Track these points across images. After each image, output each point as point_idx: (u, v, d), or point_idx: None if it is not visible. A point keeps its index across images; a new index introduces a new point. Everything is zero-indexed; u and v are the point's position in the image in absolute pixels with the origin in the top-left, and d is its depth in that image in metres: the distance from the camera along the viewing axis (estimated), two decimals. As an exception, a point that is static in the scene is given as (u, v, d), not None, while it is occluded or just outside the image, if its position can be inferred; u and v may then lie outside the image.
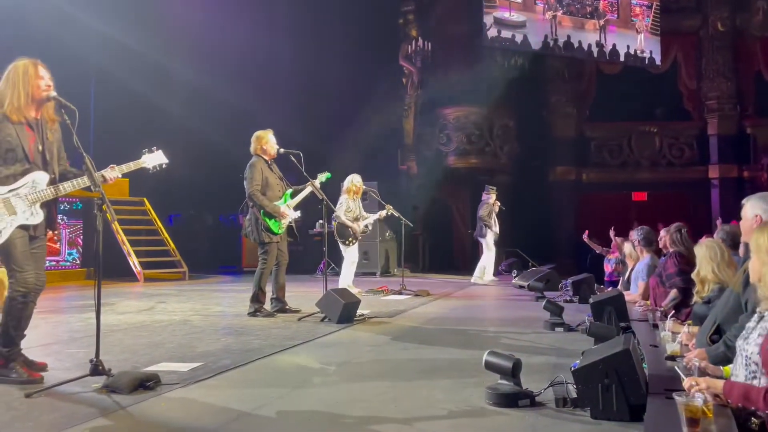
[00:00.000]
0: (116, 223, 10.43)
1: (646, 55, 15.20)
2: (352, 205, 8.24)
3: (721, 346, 2.98)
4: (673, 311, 4.71)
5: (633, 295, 6.29)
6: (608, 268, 8.49)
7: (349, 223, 8.06)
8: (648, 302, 5.76)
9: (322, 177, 6.51)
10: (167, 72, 12.57)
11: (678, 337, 3.70)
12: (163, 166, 3.89)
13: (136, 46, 11.75)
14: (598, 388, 2.73)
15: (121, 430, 2.66)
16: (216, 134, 12.44)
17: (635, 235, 6.51)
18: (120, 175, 3.65)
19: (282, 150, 6.22)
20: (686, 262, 5.02)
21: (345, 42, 13.46)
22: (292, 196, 6.34)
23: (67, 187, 3.51)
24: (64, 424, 2.66)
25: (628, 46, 15.03)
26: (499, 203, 10.50)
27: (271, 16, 13.41)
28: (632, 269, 6.75)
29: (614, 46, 14.92)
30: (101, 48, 11.74)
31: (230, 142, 10.60)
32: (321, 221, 7.96)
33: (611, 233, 8.43)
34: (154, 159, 3.85)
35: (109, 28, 11.48)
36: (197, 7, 13.00)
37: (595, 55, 14.87)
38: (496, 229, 10.29)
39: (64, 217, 10.59)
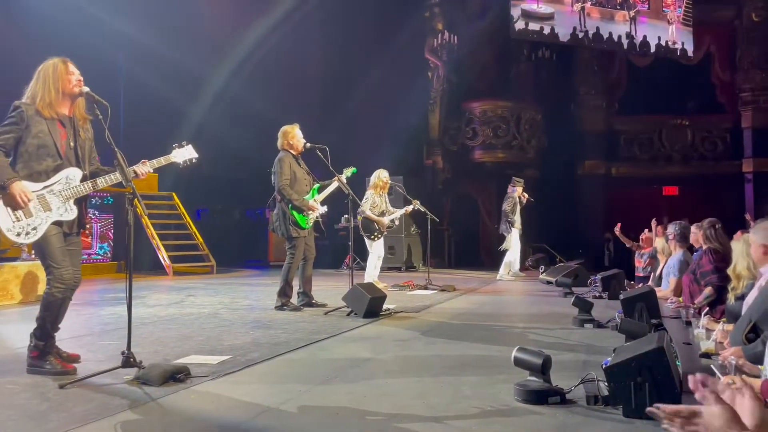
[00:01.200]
0: (146, 217, 10.61)
1: (678, 46, 14.87)
2: (378, 200, 8.24)
3: (759, 344, 2.90)
4: (708, 308, 4.61)
5: (664, 291, 6.17)
6: (640, 263, 8.34)
7: (375, 218, 8.06)
8: (680, 299, 5.65)
9: (348, 172, 6.52)
10: (194, 71, 12.74)
11: (713, 335, 3.62)
12: (194, 160, 3.91)
13: (163, 49, 11.93)
14: (630, 386, 2.67)
15: (152, 421, 2.69)
16: (243, 130, 12.56)
17: (670, 229, 6.37)
18: (151, 170, 3.69)
19: (309, 144, 6.24)
20: (721, 259, 4.91)
21: (370, 36, 13.44)
22: (319, 191, 6.36)
23: (100, 182, 3.56)
24: (97, 415, 2.70)
25: (659, 38, 14.71)
26: (527, 195, 10.33)
27: (296, 13, 13.45)
28: (664, 265, 6.62)
29: (645, 37, 14.62)
30: (130, 50, 11.96)
31: (257, 138, 10.68)
32: (346, 216, 7.98)
33: (653, 225, 8.27)
34: (184, 154, 3.88)
35: (136, 30, 11.68)
36: (222, 6, 13.12)
37: (625, 46, 14.60)
38: (518, 224, 10.07)
39: (96, 212, 10.80)
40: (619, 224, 8.81)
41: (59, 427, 2.55)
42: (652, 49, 14.64)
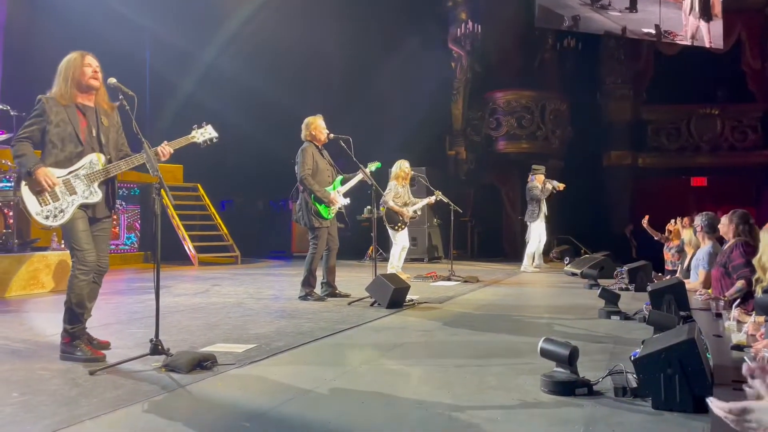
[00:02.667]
0: (172, 208, 10.74)
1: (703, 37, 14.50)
2: (401, 191, 8.23)
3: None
4: (739, 300, 4.52)
5: (693, 283, 6.06)
6: (669, 256, 8.21)
7: (398, 209, 8.05)
8: (709, 291, 5.54)
9: (372, 166, 6.51)
10: (217, 65, 12.85)
11: (744, 327, 3.55)
12: (214, 140, 3.96)
13: (187, 43, 12.06)
14: (660, 378, 2.63)
15: (180, 407, 2.73)
16: (266, 123, 12.64)
17: (698, 220, 6.25)
18: (172, 151, 3.75)
19: (332, 135, 6.24)
20: (753, 251, 4.79)
21: (393, 27, 13.38)
22: (342, 183, 6.36)
23: (122, 165, 3.64)
24: (126, 401, 2.75)
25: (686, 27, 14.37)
26: (553, 183, 10.01)
27: (317, 4, 13.45)
28: (692, 257, 6.50)
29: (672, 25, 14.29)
30: (155, 46, 12.11)
31: (280, 130, 10.77)
32: (369, 207, 7.94)
33: (679, 219, 8.12)
34: (204, 134, 3.92)
35: (162, 26, 11.83)
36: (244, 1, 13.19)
37: (653, 34, 14.29)
38: (539, 215, 9.86)
39: (123, 203, 10.96)
40: (647, 216, 8.66)
41: (90, 412, 2.59)
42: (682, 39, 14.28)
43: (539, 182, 9.93)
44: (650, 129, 15.02)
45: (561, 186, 10.09)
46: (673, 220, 8.27)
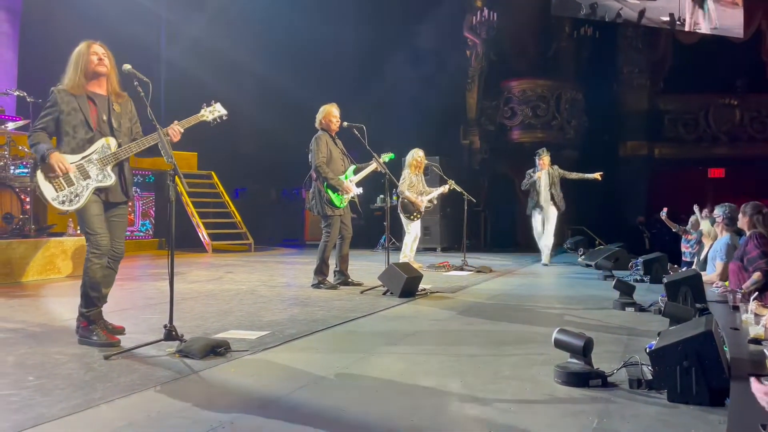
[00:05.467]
0: (186, 195, 10.79)
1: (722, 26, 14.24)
2: (415, 180, 8.20)
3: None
4: (756, 293, 4.45)
5: (710, 275, 5.99)
6: (687, 248, 8.12)
7: (414, 199, 8.02)
8: (726, 283, 5.48)
9: (386, 157, 6.49)
10: (230, 54, 12.85)
11: (762, 320, 3.50)
12: (224, 117, 3.97)
13: (201, 33, 12.07)
14: (676, 371, 2.60)
15: (194, 393, 2.74)
16: (279, 111, 12.65)
17: (718, 211, 6.16)
18: (182, 130, 3.78)
19: (345, 123, 6.22)
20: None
21: (407, 15, 13.29)
22: (356, 172, 6.35)
23: (133, 147, 3.68)
24: (141, 386, 2.77)
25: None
26: (552, 169, 8.93)
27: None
28: (709, 248, 6.43)
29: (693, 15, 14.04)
30: (170, 35, 12.14)
31: (293, 118, 10.75)
32: (382, 196, 7.93)
33: (696, 209, 8.01)
34: (213, 111, 3.94)
35: (176, 16, 11.84)
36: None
37: (671, 23, 14.07)
38: (534, 204, 8.94)
39: (138, 190, 11.04)
40: (665, 209, 8.55)
41: (104, 396, 2.62)
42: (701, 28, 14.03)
43: (545, 167, 8.94)
44: (667, 119, 14.81)
45: (574, 175, 9.11)
46: (696, 207, 8.15)
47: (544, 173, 8.93)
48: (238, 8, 13.19)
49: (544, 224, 9.00)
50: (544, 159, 9.01)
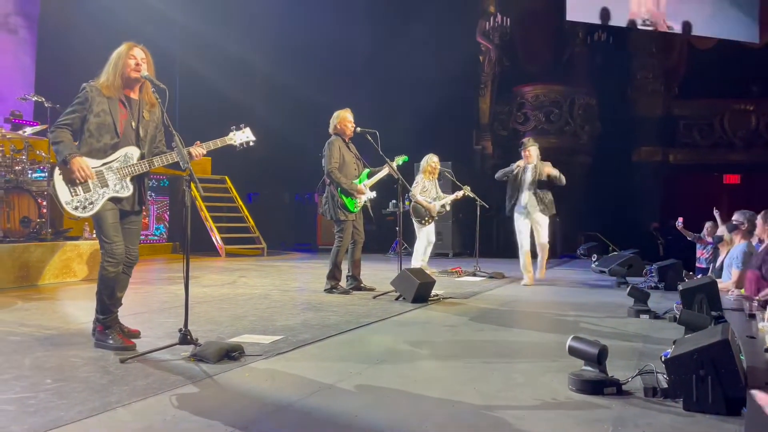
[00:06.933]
0: (200, 200, 10.87)
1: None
2: (428, 185, 8.19)
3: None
4: (773, 301, 4.41)
5: (725, 283, 5.93)
6: (702, 254, 8.04)
7: (427, 204, 8.01)
8: (742, 290, 5.42)
9: (399, 160, 6.50)
10: (244, 59, 12.94)
11: (780, 329, 3.46)
12: (251, 143, 3.90)
13: (215, 37, 12.16)
14: (692, 379, 2.58)
15: (208, 397, 2.76)
16: (292, 116, 12.72)
17: (740, 217, 6.09)
18: (205, 152, 3.74)
19: (359, 129, 6.25)
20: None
21: (421, 20, 13.31)
22: (369, 176, 6.37)
23: (156, 161, 3.64)
24: (156, 390, 2.79)
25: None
26: (541, 164, 7.26)
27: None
28: (725, 255, 6.36)
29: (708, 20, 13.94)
30: (184, 40, 12.26)
31: (306, 123, 10.84)
32: (394, 201, 7.92)
33: (716, 214, 7.94)
34: (241, 136, 3.88)
35: (191, 20, 11.95)
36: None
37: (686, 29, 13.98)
38: (512, 204, 7.40)
39: (152, 194, 11.14)
40: (681, 218, 8.47)
41: (121, 399, 2.64)
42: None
43: (529, 161, 7.29)
44: (682, 124, 14.70)
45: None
46: (709, 222, 8.07)
47: (529, 168, 7.27)
48: (253, 13, 13.29)
49: (532, 231, 7.34)
50: (530, 150, 7.29)
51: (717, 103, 14.48)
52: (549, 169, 7.22)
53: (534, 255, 7.42)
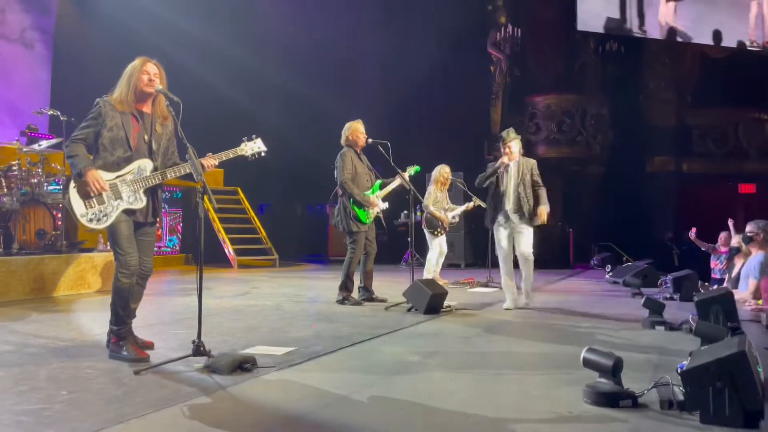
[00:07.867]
0: (213, 211, 10.93)
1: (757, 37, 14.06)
2: (440, 196, 8.19)
3: None
4: (791, 312, 4.35)
5: (742, 293, 5.86)
6: (716, 265, 7.96)
7: (439, 214, 8.00)
8: (759, 302, 5.36)
9: (411, 170, 6.50)
10: (256, 69, 13.05)
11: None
12: (262, 154, 3.92)
13: (226, 47, 12.29)
14: (709, 392, 2.55)
15: (222, 409, 2.76)
16: (304, 127, 12.78)
17: (754, 227, 6.02)
18: (217, 163, 3.77)
19: (371, 140, 6.27)
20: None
21: (431, 31, 13.38)
22: (381, 187, 6.37)
23: (169, 173, 3.68)
24: (170, 401, 2.80)
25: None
26: (525, 161, 6.01)
27: (356, 10, 13.54)
28: (742, 266, 6.29)
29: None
30: (194, 50, 12.40)
31: (318, 134, 10.88)
32: (406, 212, 7.91)
33: (730, 225, 7.87)
34: (253, 147, 3.90)
35: (200, 30, 12.09)
36: (286, 7, 13.37)
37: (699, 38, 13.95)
38: (493, 207, 6.10)
39: (165, 206, 11.23)
40: (694, 229, 8.39)
41: (135, 411, 2.65)
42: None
43: (510, 157, 5.93)
44: (695, 134, 14.60)
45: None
46: (724, 233, 7.99)
47: (512, 165, 5.97)
48: (266, 24, 13.42)
49: (514, 245, 6.08)
50: (510, 146, 5.92)
51: (731, 112, 14.38)
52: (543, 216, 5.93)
53: (516, 265, 6.17)
